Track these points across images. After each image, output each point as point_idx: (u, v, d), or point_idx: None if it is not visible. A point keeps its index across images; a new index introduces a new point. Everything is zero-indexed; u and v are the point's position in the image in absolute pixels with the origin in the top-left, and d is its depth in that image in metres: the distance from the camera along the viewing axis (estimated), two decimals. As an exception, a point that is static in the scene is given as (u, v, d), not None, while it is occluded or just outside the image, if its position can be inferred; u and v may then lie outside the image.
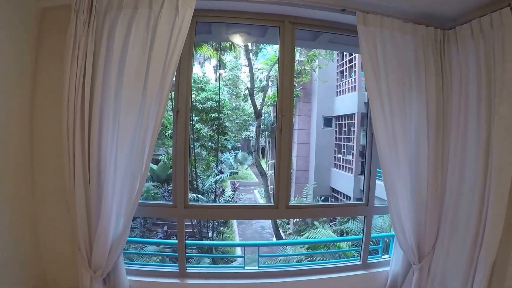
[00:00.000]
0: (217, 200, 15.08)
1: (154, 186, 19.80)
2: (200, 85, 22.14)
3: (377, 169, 3.97)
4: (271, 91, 21.28)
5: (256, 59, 18.28)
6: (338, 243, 10.72)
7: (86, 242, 3.01)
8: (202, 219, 13.34)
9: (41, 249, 3.45)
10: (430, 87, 3.49)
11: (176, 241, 3.80)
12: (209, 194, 14.82)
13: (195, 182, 14.98)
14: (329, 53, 15.52)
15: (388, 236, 4.87)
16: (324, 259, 10.01)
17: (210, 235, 15.13)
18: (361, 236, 4.23)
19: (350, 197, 15.80)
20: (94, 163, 2.93)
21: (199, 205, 4.19)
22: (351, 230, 11.29)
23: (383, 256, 4.46)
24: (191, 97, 3.46)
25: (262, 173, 15.83)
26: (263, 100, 15.94)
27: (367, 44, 3.32)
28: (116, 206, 3.02)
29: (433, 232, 3.56)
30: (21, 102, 3.16)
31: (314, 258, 10.29)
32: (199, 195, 13.45)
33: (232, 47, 15.64)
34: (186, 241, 4.32)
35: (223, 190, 18.91)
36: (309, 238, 11.34)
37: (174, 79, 3.26)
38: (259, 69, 22.24)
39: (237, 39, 6.27)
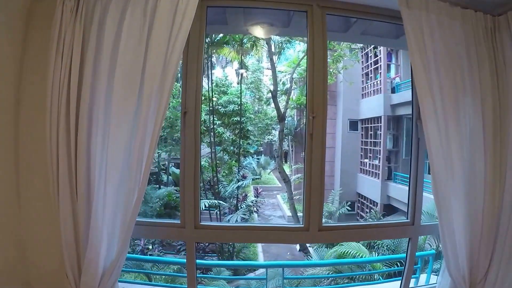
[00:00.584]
0: (239, 205, 14.57)
1: (175, 190, 19.52)
2: (222, 89, 21.86)
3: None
4: (295, 94, 20.79)
5: (279, 60, 17.74)
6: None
7: (73, 268, 2.52)
8: (217, 242, 12.67)
9: (28, 264, 2.96)
10: (484, 85, 2.85)
11: (184, 260, 3.26)
12: (231, 199, 14.31)
13: (217, 187, 14.50)
14: (354, 54, 14.91)
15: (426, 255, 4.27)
16: (352, 271, 9.37)
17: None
18: (403, 255, 3.58)
19: (377, 203, 15.14)
20: (82, 173, 2.46)
21: (213, 226, 3.46)
22: (382, 244, 10.40)
23: (422, 276, 3.82)
24: (201, 96, 2.86)
25: (285, 180, 15.25)
26: (286, 103, 15.38)
27: (414, 31, 2.71)
28: (108, 225, 2.53)
29: (488, 257, 2.93)
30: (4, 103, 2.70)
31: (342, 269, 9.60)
32: (220, 201, 12.94)
33: (254, 47, 15.06)
34: (198, 261, 3.73)
35: (246, 195, 18.50)
36: (337, 251, 10.50)
37: (179, 75, 2.74)
38: (282, 71, 21.78)
39: (258, 31, 5.53)
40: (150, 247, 13.57)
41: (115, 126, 2.49)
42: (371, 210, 15.43)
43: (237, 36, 12.97)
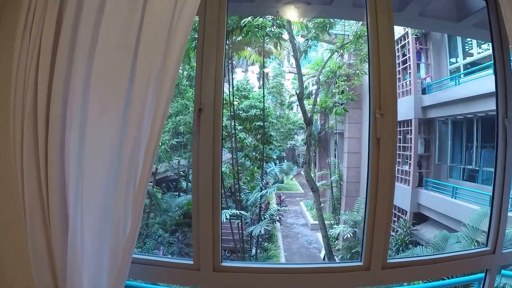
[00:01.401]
0: (261, 215, 13.92)
1: (196, 198, 19.06)
2: (243, 93, 21.43)
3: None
4: (319, 97, 20.13)
5: (305, 57, 17.03)
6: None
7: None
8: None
9: None
10: None
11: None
12: (253, 208, 13.69)
13: (238, 195, 13.89)
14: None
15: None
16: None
17: (253, 252, 14.13)
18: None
19: (406, 211, 14.30)
20: (54, 189, 1.74)
21: (239, 268, 2.46)
22: None
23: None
24: (223, 90, 2.10)
25: (313, 189, 14.48)
26: (313, 105, 14.65)
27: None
28: (90, 269, 1.82)
29: None
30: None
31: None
32: (242, 212, 12.31)
33: (278, 44, 14.35)
34: None
35: (268, 203, 17.94)
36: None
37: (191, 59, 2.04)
38: (305, 74, 21.18)
39: (291, 12, 4.65)
40: (169, 256, 13.06)
41: (95, 124, 1.80)
42: (400, 218, 14.61)
43: (259, 32, 12.22)
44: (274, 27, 13.06)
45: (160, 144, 15.05)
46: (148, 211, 15.36)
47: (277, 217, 16.33)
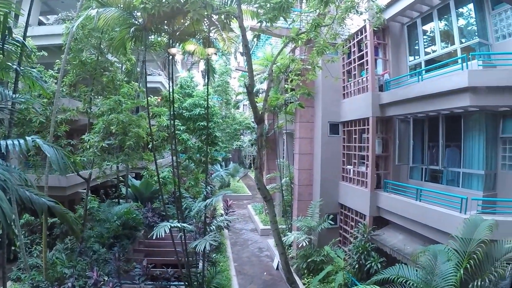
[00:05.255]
0: (207, 226, 12.57)
1: (136, 206, 17.57)
2: (187, 91, 20.18)
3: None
4: (270, 94, 19.15)
5: (253, 52, 15.93)
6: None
7: None
8: None
9: None
10: None
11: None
12: (198, 217, 12.31)
13: (180, 205, 12.45)
14: (339, 47, 13.16)
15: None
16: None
17: (200, 265, 12.78)
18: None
19: (365, 216, 13.46)
20: None
21: None
22: (405, 281, 8.44)
23: None
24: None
25: (266, 198, 13.06)
26: (265, 101, 13.38)
27: None
28: None
29: None
30: None
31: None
32: (185, 224, 10.90)
33: (225, 30, 12.98)
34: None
35: (215, 209, 16.77)
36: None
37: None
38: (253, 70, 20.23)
39: None
40: (106, 278, 11.47)
41: None
42: (358, 223, 13.75)
43: (204, 10, 10.77)
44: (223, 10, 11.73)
45: (88, 146, 13.50)
46: (83, 223, 13.65)
47: (225, 223, 15.08)
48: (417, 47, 13.08)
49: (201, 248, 10.39)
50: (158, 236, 9.73)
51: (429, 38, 12.70)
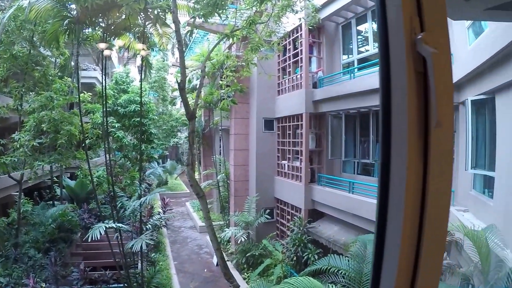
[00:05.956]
0: (143, 225, 12.38)
1: (72, 208, 16.85)
2: (122, 87, 19.68)
3: None
4: (204, 91, 19.09)
5: (186, 54, 15.83)
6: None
7: None
8: None
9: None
10: None
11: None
12: (134, 216, 12.12)
13: (115, 204, 12.18)
14: (274, 45, 13.38)
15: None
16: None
17: (139, 266, 12.57)
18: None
19: (300, 209, 13.81)
20: None
21: None
22: (337, 270, 8.72)
23: None
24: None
25: (199, 195, 12.98)
26: (197, 97, 13.33)
27: None
28: None
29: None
30: None
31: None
32: (120, 224, 10.68)
33: (159, 25, 12.82)
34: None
35: (152, 207, 16.56)
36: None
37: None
38: (189, 67, 20.09)
39: None
40: (43, 285, 10.99)
41: None
42: (294, 217, 14.10)
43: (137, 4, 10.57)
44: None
45: (18, 146, 12.84)
46: (17, 227, 12.97)
47: (163, 222, 14.92)
48: (351, 46, 13.54)
49: (138, 248, 10.24)
50: (94, 238, 9.48)
51: (363, 38, 13.19)
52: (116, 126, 17.32)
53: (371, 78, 10.74)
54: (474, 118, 9.38)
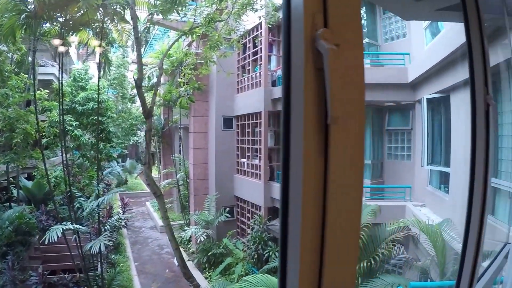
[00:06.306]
0: (102, 226, 12.16)
1: (29, 210, 16.24)
2: (80, 84, 19.19)
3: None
4: (163, 89, 18.92)
5: (145, 52, 15.68)
6: None
7: None
8: None
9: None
10: None
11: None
12: (92, 217, 11.89)
13: (72, 205, 11.93)
14: (233, 43, 13.41)
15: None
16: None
17: (99, 268, 12.34)
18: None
19: (260, 207, 13.90)
20: None
21: None
22: None
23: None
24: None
25: (156, 194, 12.85)
26: (154, 95, 13.20)
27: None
28: None
29: None
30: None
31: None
32: (78, 226, 10.46)
33: (118, 22, 12.66)
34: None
35: (111, 207, 16.23)
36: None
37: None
38: (148, 64, 19.85)
39: None
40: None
41: None
42: (254, 215, 14.19)
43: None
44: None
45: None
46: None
47: (123, 223, 14.70)
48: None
49: (96, 249, 10.06)
50: (52, 241, 9.27)
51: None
52: (74, 125, 16.91)
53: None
54: (429, 116, 9.68)
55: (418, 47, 10.63)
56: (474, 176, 2.25)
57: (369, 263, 7.89)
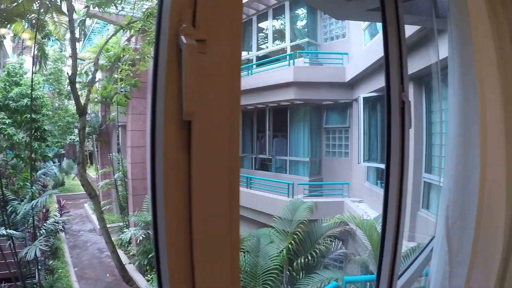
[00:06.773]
0: (38, 230, 11.54)
1: None
2: (14, 79, 18.19)
3: None
4: (100, 85, 18.35)
5: (83, 46, 15.19)
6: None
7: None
8: None
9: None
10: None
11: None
12: (27, 221, 11.26)
13: (5, 209, 11.25)
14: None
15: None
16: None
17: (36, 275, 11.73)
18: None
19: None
20: None
21: None
22: None
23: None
24: None
25: (91, 195, 12.42)
26: (88, 92, 12.79)
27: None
28: None
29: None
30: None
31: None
32: (11, 231, 9.86)
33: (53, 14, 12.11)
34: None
35: (47, 210, 15.45)
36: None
37: None
38: (85, 59, 19.10)
39: None
40: None
41: None
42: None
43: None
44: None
45: None
46: None
47: (60, 226, 14.02)
48: (250, 43, 13.70)
49: (32, 255, 9.54)
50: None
51: (263, 35, 13.41)
52: (7, 123, 16.07)
53: (268, 75, 11.11)
54: (366, 114, 9.93)
55: (357, 47, 10.95)
56: (389, 171, 2.29)
57: (306, 259, 8.07)
